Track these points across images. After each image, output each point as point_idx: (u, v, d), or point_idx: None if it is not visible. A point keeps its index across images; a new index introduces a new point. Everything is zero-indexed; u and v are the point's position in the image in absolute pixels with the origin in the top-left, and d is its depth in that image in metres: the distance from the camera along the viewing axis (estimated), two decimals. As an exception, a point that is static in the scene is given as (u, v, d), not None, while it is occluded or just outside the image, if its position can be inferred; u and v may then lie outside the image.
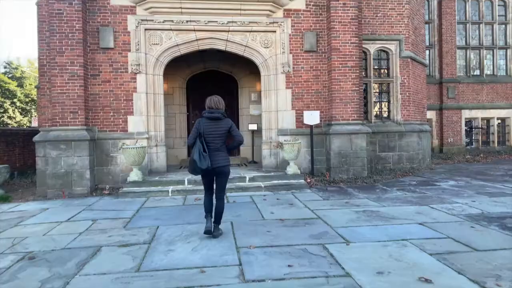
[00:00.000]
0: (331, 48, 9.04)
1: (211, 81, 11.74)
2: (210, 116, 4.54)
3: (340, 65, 9.03)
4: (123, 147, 7.96)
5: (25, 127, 25.48)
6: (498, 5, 16.66)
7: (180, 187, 7.84)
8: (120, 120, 8.70)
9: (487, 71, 16.84)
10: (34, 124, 23.15)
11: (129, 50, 8.71)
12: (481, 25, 16.66)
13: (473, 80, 16.52)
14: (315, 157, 9.21)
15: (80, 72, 8.28)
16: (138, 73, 8.72)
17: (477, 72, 16.87)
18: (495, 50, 16.77)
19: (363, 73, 10.13)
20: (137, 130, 8.68)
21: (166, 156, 9.20)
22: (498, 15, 16.70)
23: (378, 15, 10.53)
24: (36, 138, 8.39)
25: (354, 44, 9.06)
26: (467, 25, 16.59)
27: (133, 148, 7.86)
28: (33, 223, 5.69)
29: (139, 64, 8.69)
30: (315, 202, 6.66)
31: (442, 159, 13.71)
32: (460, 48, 16.57)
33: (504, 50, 16.87)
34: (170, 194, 7.54)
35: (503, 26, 16.84)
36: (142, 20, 8.66)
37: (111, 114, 8.69)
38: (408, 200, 6.69)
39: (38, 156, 8.41)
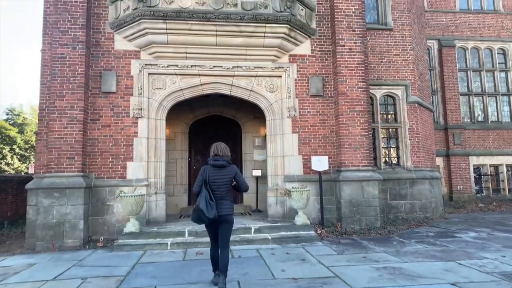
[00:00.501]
0: (338, 92, 8.84)
1: (214, 125, 11.48)
2: (215, 164, 4.48)
3: (348, 110, 8.77)
4: (120, 195, 7.46)
5: (22, 173, 25.00)
6: (498, 53, 16.89)
7: (180, 239, 7.23)
8: (119, 166, 8.28)
9: (492, 118, 16.69)
10: (31, 170, 22.69)
11: (132, 95, 8.49)
12: (482, 72, 16.77)
13: (478, 126, 16.32)
14: (325, 205, 8.67)
15: (80, 117, 7.99)
16: (140, 117, 8.44)
17: (481, 118, 16.72)
18: (498, 97, 16.75)
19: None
20: (136, 176, 8.22)
21: (165, 205, 8.66)
22: (498, 63, 16.87)
23: (383, 60, 10.48)
24: (28, 185, 7.91)
25: (362, 89, 8.88)
26: (468, 72, 16.70)
27: (131, 196, 7.36)
28: (16, 281, 5.07)
29: (141, 109, 8.43)
30: (329, 257, 6.04)
31: (454, 208, 13.10)
32: (463, 94, 16.55)
33: (507, 96, 16.85)
34: (169, 247, 6.91)
35: (504, 73, 16.96)
36: (146, 64, 8.53)
37: (110, 160, 8.28)
38: (431, 255, 6.09)
39: (30, 204, 7.87)
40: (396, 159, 10.56)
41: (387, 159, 10.52)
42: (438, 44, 16.30)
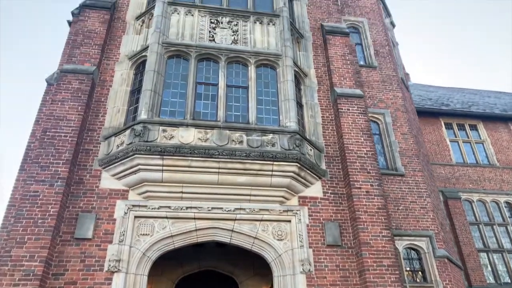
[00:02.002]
0: (359, 242, 7.42)
1: (205, 284, 9.46)
2: None
3: (375, 264, 7.19)
4: None
5: None
6: (505, 207, 16.20)
7: None
8: None
9: (519, 277, 14.78)
10: None
11: (110, 242, 6.93)
12: (494, 226, 15.69)
13: (506, 288, 14.27)
14: None
15: (39, 270, 6.26)
16: (116, 271, 6.69)
17: (507, 278, 14.79)
18: (518, 253, 15.23)
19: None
20: None
21: None
22: (508, 217, 16.00)
23: (400, 208, 9.44)
24: None
25: (387, 238, 7.51)
26: (480, 226, 15.60)
27: None
28: None
29: (119, 260, 6.75)
30: None
31: None
32: (480, 250, 15.03)
33: (528, 253, 15.35)
34: None
35: (516, 227, 15.91)
36: (133, 205, 7.27)
37: (66, 332, 6.14)
38: None
39: None
40: (434, 330, 8.36)
41: (423, 330, 8.33)
42: (442, 196, 15.64)
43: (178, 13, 8.86)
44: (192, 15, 8.89)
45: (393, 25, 13.62)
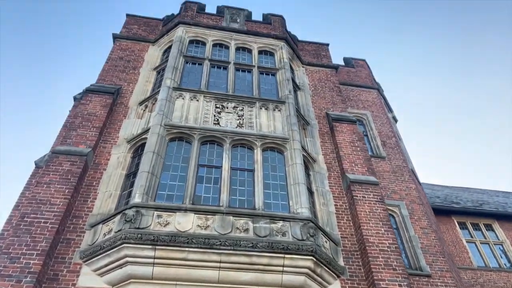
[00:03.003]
0: None
1: None
2: None
3: None
4: None
5: None
6: (542, 319, 14.17)
7: None
8: None
9: None
10: None
11: None
12: None
13: None
14: None
15: None
16: None
17: None
18: None
19: None
20: None
21: None
22: (549, 331, 13.87)
23: (432, 317, 7.95)
24: None
25: None
26: None
27: None
28: None
29: None
30: None
31: None
32: None
33: None
34: None
35: None
36: (114, 309, 5.95)
37: None
38: None
39: None
40: None
41: None
42: (472, 305, 13.81)
43: (183, 98, 8.71)
44: (197, 100, 8.74)
45: (395, 120, 13.66)
